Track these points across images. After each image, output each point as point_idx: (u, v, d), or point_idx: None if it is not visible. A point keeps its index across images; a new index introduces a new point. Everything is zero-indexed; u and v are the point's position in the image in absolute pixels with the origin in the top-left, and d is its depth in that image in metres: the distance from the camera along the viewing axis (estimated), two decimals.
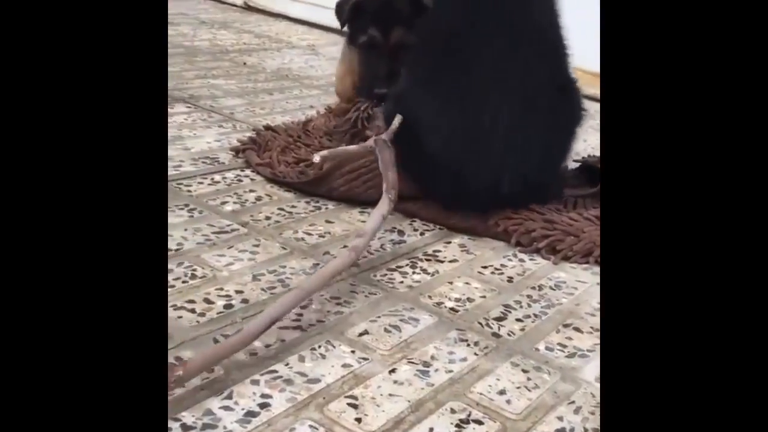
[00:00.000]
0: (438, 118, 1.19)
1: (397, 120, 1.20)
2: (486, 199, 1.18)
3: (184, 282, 0.96)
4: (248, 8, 3.09)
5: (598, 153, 1.66)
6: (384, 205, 1.06)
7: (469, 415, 0.77)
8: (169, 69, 2.01)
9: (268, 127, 1.52)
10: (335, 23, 1.63)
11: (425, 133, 1.19)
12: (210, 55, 2.27)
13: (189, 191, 1.24)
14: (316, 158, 1.06)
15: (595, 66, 2.34)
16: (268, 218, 1.18)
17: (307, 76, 2.17)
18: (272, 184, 1.32)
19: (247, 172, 1.37)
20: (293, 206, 1.24)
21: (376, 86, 1.50)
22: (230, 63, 2.21)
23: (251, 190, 1.28)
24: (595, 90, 2.35)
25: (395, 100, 1.30)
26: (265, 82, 2.05)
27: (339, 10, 1.59)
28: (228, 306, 0.92)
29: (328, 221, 1.20)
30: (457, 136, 1.17)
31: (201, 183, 1.29)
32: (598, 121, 1.99)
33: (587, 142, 1.73)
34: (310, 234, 1.14)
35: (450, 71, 1.20)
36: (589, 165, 1.35)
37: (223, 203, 1.22)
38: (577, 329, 0.96)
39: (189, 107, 1.72)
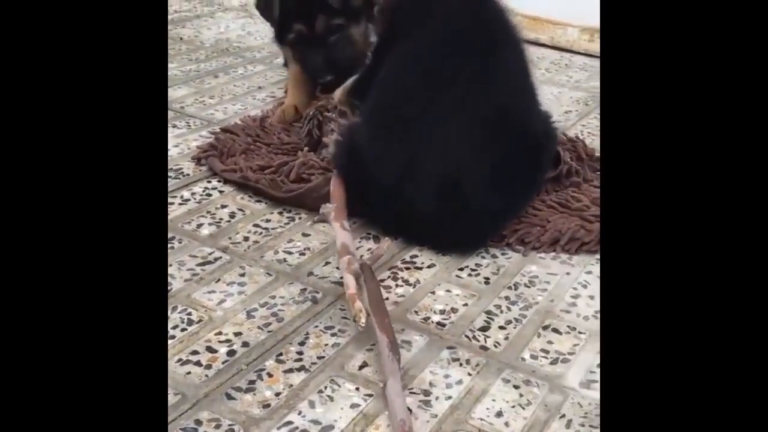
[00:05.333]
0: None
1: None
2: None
3: (183, 330, 0.99)
4: None
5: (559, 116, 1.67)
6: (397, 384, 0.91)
7: None
8: None
9: (225, 130, 1.52)
10: None
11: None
12: None
13: None
14: (362, 320, 0.93)
15: (533, 10, 2.38)
16: (246, 239, 1.21)
17: (248, 47, 2.14)
18: (242, 195, 1.34)
19: (214, 182, 1.38)
20: (268, 220, 1.27)
21: (319, 77, 1.53)
22: (168, 39, 2.15)
23: (223, 206, 1.30)
24: (534, 34, 2.38)
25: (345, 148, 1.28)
26: (207, 61, 2.02)
27: (265, 8, 1.60)
28: (231, 353, 0.96)
29: (304, 234, 1.24)
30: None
31: (172, 203, 1.30)
32: (543, 71, 2.02)
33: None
34: (290, 252, 1.18)
35: (403, 140, 1.19)
36: None
37: (199, 226, 1.24)
38: (555, 330, 1.04)
39: None
